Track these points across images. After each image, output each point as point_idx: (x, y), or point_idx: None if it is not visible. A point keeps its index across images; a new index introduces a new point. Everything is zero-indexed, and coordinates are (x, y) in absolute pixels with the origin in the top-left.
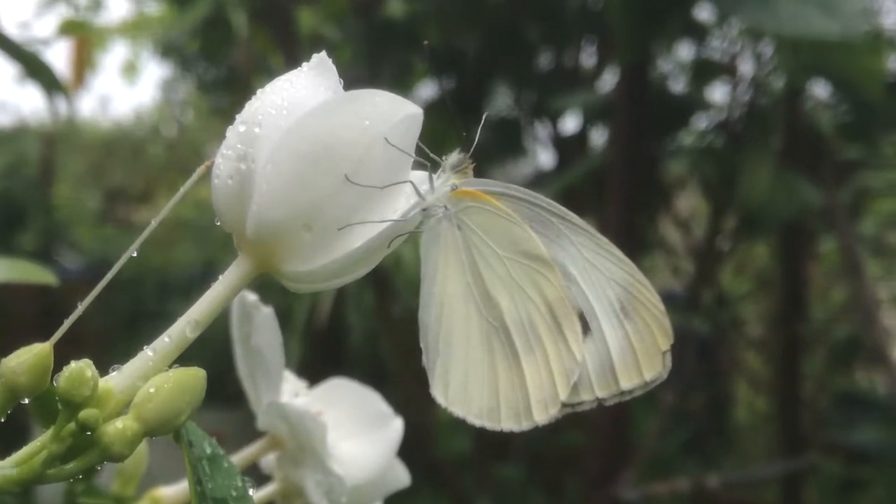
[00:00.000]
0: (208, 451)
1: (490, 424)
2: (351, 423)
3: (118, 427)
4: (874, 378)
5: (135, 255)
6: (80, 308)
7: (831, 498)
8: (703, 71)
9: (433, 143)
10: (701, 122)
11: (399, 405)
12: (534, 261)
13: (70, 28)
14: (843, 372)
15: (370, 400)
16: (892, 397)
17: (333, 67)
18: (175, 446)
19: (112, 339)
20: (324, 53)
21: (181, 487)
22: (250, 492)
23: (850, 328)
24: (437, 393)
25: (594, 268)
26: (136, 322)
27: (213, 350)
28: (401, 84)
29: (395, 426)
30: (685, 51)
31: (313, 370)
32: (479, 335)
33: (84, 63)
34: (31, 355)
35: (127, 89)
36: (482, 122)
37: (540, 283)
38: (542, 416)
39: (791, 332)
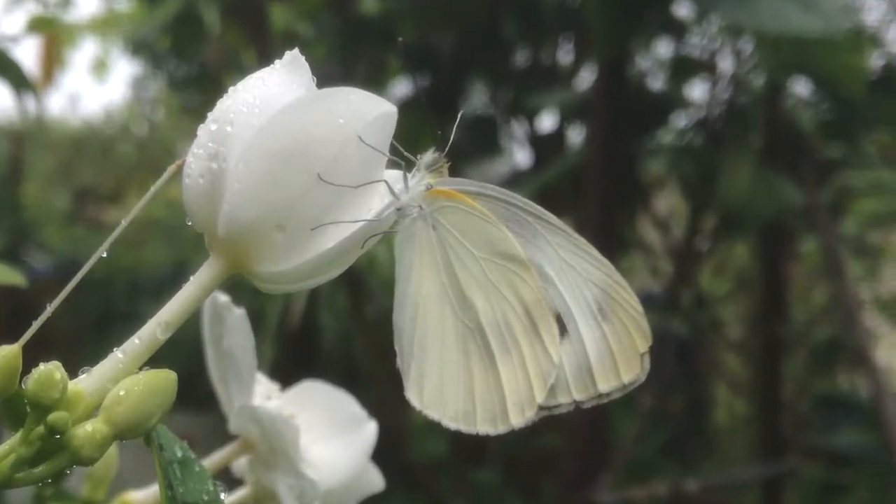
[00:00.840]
0: (179, 454)
1: (466, 427)
2: (324, 426)
3: (88, 430)
4: (856, 380)
5: (105, 255)
6: (49, 309)
7: (812, 502)
8: (682, 68)
9: (408, 142)
10: (680, 120)
11: (373, 408)
12: (510, 261)
13: (39, 25)
14: (824, 374)
15: (343, 402)
16: (874, 400)
17: (306, 65)
18: (146, 450)
19: (82, 341)
20: (297, 50)
21: (152, 491)
22: (222, 496)
23: (832, 330)
24: (412, 395)
25: (571, 268)
26: (105, 323)
27: (184, 352)
28: (375, 82)
29: (369, 429)
30: (664, 48)
31: (286, 372)
32: (454, 337)
33: (53, 60)
34: None
35: (97, 87)
36: (457, 120)
37: (516, 284)
38: (518, 418)
39: (771, 333)
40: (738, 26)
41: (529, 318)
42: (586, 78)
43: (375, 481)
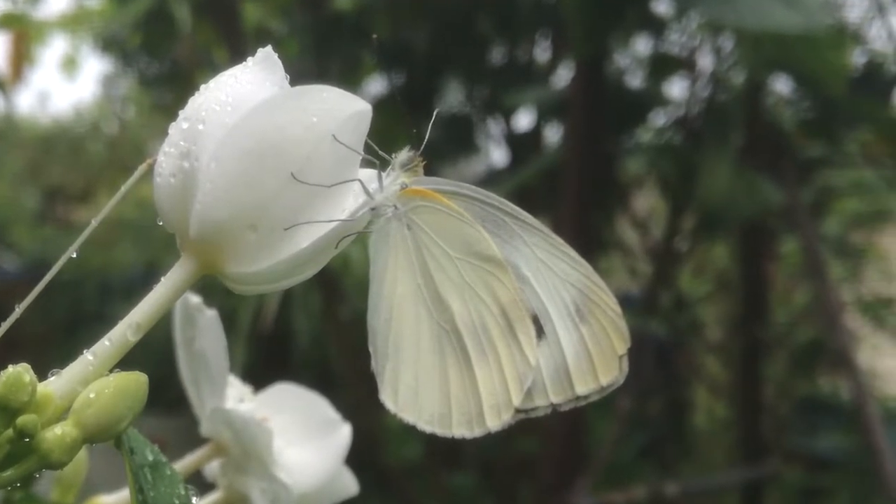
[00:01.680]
0: (150, 458)
1: (441, 431)
2: (297, 430)
3: (57, 433)
4: (837, 383)
5: (74, 255)
6: (18, 311)
7: None
8: (661, 66)
9: (382, 141)
10: (659, 118)
11: (347, 411)
12: (486, 262)
13: (7, 21)
14: (806, 377)
15: (317, 405)
16: (856, 403)
17: (279, 62)
18: (116, 453)
19: (51, 343)
20: (269, 48)
21: (122, 496)
22: (194, 500)
23: (813, 331)
24: (387, 398)
25: (548, 269)
26: (75, 325)
27: (155, 354)
28: (349, 79)
29: (343, 432)
30: (643, 45)
31: (259, 375)
32: (429, 338)
33: (22, 57)
34: None
35: (66, 85)
36: (433, 118)
37: (492, 285)
38: (494, 422)
39: (751, 335)
40: (718, 23)
41: (506, 320)
42: (564, 75)
43: (349, 485)
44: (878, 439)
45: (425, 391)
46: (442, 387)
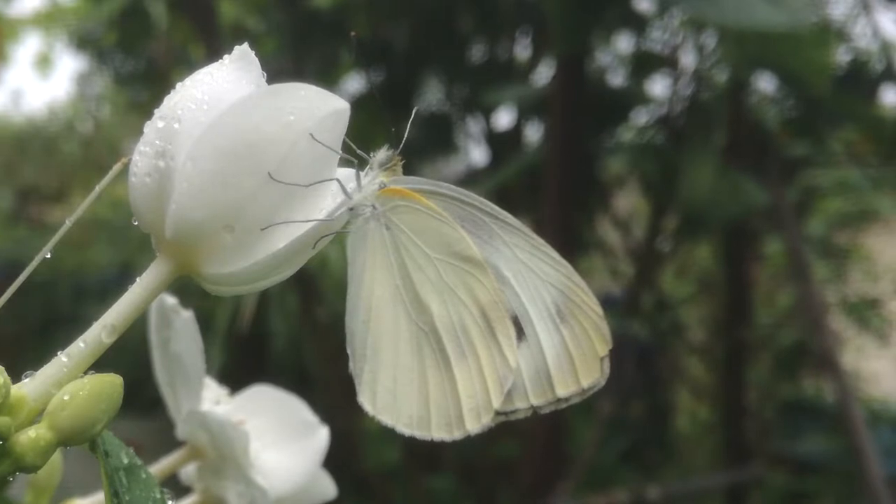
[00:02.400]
0: (125, 461)
1: (420, 433)
2: (274, 433)
3: (31, 436)
4: (821, 385)
5: (48, 256)
6: None
7: None
8: (643, 63)
9: (361, 140)
10: (641, 117)
11: (325, 413)
12: (466, 262)
13: None
14: (789, 379)
15: (294, 408)
16: (840, 405)
17: (256, 60)
18: (91, 456)
19: (25, 345)
20: (246, 45)
21: (97, 499)
22: None
23: (797, 333)
24: (365, 401)
25: (529, 270)
26: (49, 326)
27: (130, 356)
28: (327, 77)
29: (321, 436)
30: (624, 42)
31: (235, 377)
32: (408, 340)
33: None
34: None
35: (40, 83)
36: (412, 117)
37: (472, 286)
38: (474, 424)
39: (735, 337)
40: (701, 20)
41: (486, 321)
42: (544, 73)
43: (327, 489)
44: (863, 442)
45: (404, 393)
46: (421, 389)
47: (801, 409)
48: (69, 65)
